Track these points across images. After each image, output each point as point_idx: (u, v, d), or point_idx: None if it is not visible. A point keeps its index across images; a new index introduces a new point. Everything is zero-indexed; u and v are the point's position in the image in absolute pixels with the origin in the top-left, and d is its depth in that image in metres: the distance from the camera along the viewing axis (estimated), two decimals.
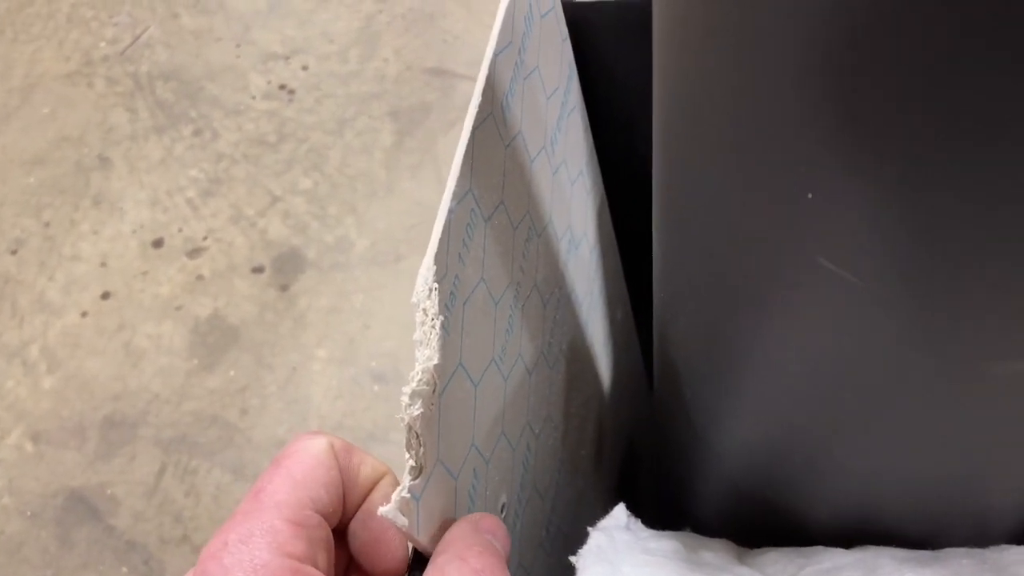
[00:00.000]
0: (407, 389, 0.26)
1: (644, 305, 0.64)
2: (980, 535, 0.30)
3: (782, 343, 0.25)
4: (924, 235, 0.18)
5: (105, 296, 1.02)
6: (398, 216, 1.07)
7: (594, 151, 0.48)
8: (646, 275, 0.63)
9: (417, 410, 0.26)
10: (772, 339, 0.25)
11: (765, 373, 0.27)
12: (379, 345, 0.97)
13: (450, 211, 0.28)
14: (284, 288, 1.02)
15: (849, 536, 0.30)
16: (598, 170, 0.49)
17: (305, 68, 1.23)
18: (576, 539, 0.50)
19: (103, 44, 1.28)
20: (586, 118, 0.46)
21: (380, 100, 1.18)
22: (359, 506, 0.31)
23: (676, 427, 0.35)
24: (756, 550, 0.31)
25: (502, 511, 0.35)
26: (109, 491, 0.88)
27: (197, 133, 1.16)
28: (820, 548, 0.29)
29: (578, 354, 0.47)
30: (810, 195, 0.18)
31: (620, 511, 0.29)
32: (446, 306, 0.28)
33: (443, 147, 1.12)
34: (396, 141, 1.14)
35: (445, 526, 0.29)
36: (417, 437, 0.27)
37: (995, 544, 0.29)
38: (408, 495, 0.26)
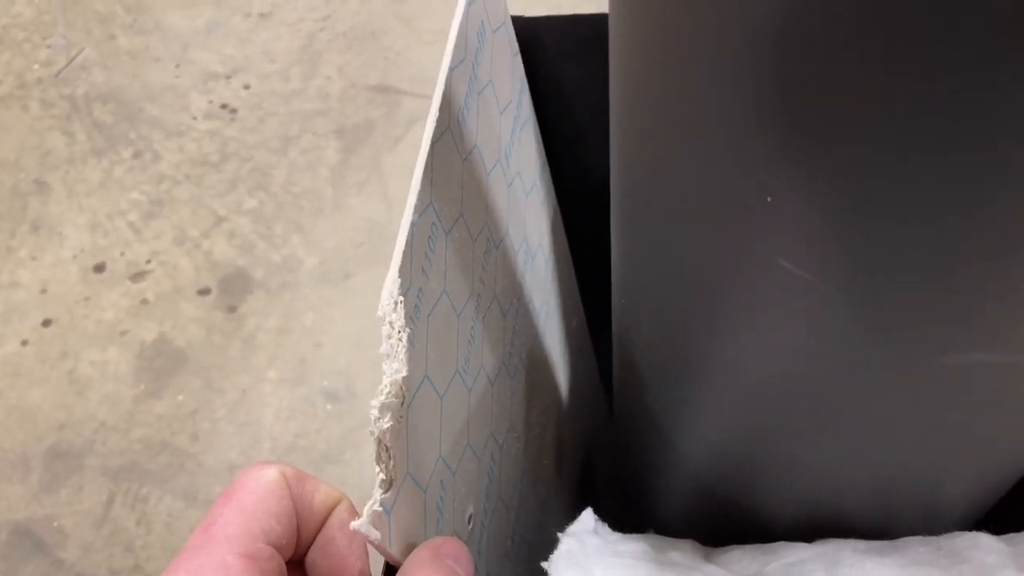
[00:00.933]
0: (376, 402, 0.27)
1: (597, 314, 0.65)
2: (932, 523, 0.31)
3: (743, 344, 0.26)
4: (877, 235, 0.19)
5: (46, 323, 1.00)
6: (346, 233, 1.06)
7: (546, 164, 0.49)
8: (599, 284, 0.64)
9: (387, 423, 0.26)
10: (733, 340, 0.26)
11: (727, 374, 0.28)
12: (331, 364, 0.96)
13: (412, 224, 0.29)
14: (232, 309, 1.01)
15: (811, 530, 0.31)
16: (551, 182, 0.50)
17: (247, 87, 1.22)
18: (541, 548, 0.50)
19: (37, 66, 1.25)
20: (538, 132, 0.47)
21: (324, 118, 1.18)
22: (315, 535, 0.30)
23: (638, 431, 0.35)
24: (721, 548, 0.31)
25: (469, 522, 0.36)
26: (56, 523, 0.86)
27: (137, 155, 1.14)
28: (783, 544, 0.30)
29: (537, 363, 0.47)
30: (769, 199, 0.19)
31: (588, 516, 0.29)
32: (411, 318, 0.28)
33: (389, 164, 1.12)
34: (341, 158, 1.13)
35: (416, 539, 0.29)
36: (387, 450, 0.27)
37: (946, 531, 0.30)
38: (380, 508, 0.26)
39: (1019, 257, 0.18)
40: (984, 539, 0.28)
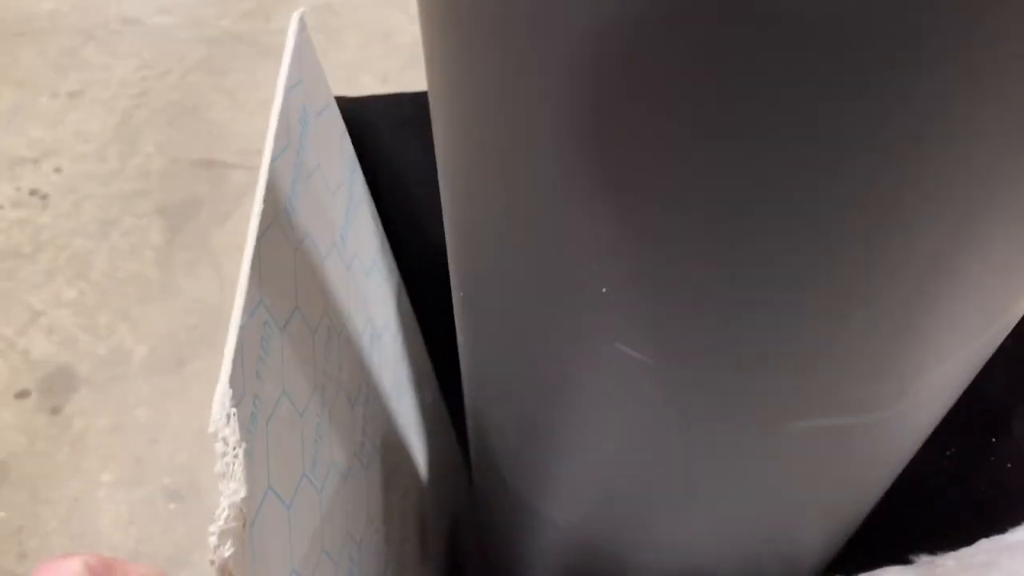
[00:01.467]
0: (215, 528, 0.24)
1: (454, 384, 0.64)
2: (792, 570, 0.31)
3: (589, 423, 0.26)
4: (708, 320, 0.19)
5: None
6: (177, 317, 1.01)
7: (386, 240, 0.48)
8: (452, 355, 0.63)
9: (228, 551, 0.24)
10: (579, 420, 0.26)
11: (576, 450, 0.27)
12: (171, 460, 0.90)
13: (241, 328, 0.27)
14: (56, 411, 0.93)
15: None
16: (392, 259, 0.49)
17: (58, 171, 1.14)
18: None
19: None
20: (374, 209, 0.45)
21: (146, 197, 1.12)
22: None
23: (500, 502, 0.34)
24: None
25: None
26: None
27: None
28: None
29: (392, 447, 0.46)
30: (604, 290, 0.19)
31: None
32: (247, 430, 0.27)
33: (218, 240, 1.08)
34: (167, 239, 1.08)
35: None
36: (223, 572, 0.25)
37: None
38: None
39: (845, 324, 0.19)
40: None
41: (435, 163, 0.28)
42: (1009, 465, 0.38)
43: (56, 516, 0.86)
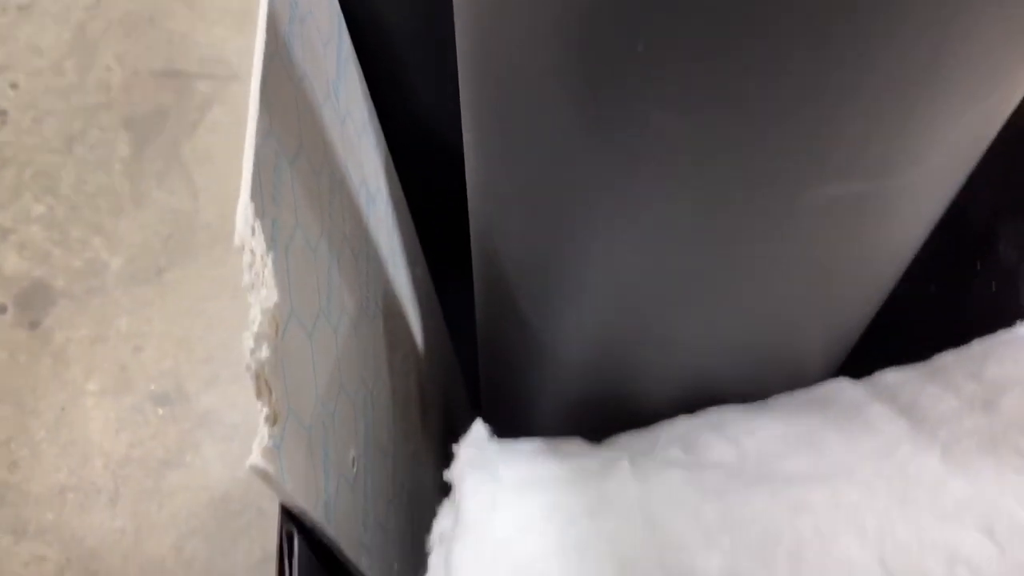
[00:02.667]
0: (249, 334, 0.25)
1: (436, 266, 0.64)
2: (796, 383, 0.33)
3: (609, 224, 0.26)
4: (734, 68, 0.19)
5: None
6: (152, 228, 0.99)
7: (373, 107, 0.47)
8: (433, 233, 0.63)
9: (264, 353, 0.25)
10: (600, 220, 0.26)
11: (598, 266, 0.28)
12: (156, 366, 0.90)
13: (256, 147, 0.27)
14: (34, 325, 0.92)
15: (688, 409, 0.32)
16: (379, 127, 0.49)
17: (15, 86, 1.11)
18: (419, 496, 0.50)
19: None
20: (360, 72, 0.45)
21: (109, 110, 1.09)
22: None
23: (512, 344, 0.35)
24: (607, 440, 0.32)
25: (353, 465, 0.34)
26: None
27: None
28: (666, 421, 0.30)
29: (392, 310, 0.46)
30: (640, 48, 0.19)
31: (479, 426, 0.29)
32: (269, 248, 0.27)
33: (188, 150, 1.06)
34: (135, 151, 1.06)
35: (308, 478, 0.28)
36: (266, 384, 0.25)
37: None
38: (270, 443, 0.25)
39: (871, 78, 0.19)
40: (846, 383, 0.30)
41: (425, 23, 0.28)
42: (994, 287, 0.39)
43: (44, 426, 0.86)
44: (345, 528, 0.32)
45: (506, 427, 0.44)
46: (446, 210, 0.56)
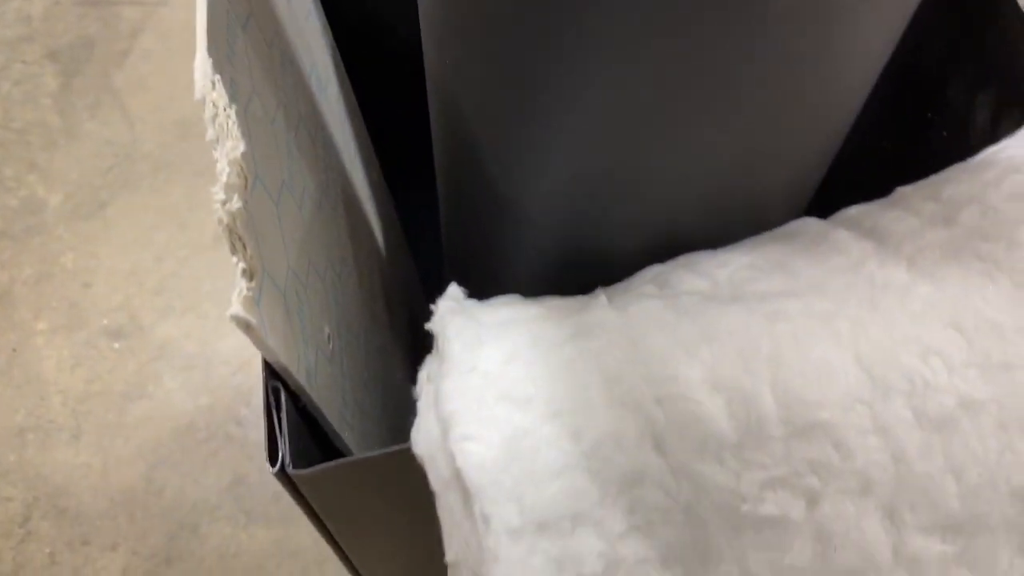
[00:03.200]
0: (218, 186, 0.24)
1: (389, 171, 0.64)
2: (762, 231, 0.33)
3: (575, 73, 0.26)
4: None
5: None
6: (89, 161, 0.96)
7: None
8: (387, 144, 0.62)
9: (235, 204, 0.24)
10: (565, 73, 0.26)
11: (560, 109, 0.28)
12: (107, 301, 0.88)
13: (208, 3, 0.26)
14: None
15: (657, 260, 0.32)
16: (324, 15, 0.47)
17: None
18: (391, 389, 0.50)
19: None
20: None
21: (32, 43, 1.05)
22: None
23: (477, 212, 0.35)
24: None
25: (329, 341, 0.34)
26: None
27: None
28: (639, 272, 0.31)
29: (352, 203, 0.46)
30: None
31: (455, 287, 0.29)
32: (232, 100, 0.26)
33: (120, 80, 1.02)
34: (63, 83, 1.02)
35: (287, 340, 0.28)
36: (240, 239, 0.25)
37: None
38: (249, 294, 0.24)
39: None
40: (810, 219, 0.31)
41: None
42: (945, 133, 0.40)
43: None
44: (327, 399, 0.32)
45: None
46: (399, 119, 0.55)
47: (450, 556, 0.24)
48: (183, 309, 0.88)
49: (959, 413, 0.23)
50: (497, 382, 0.24)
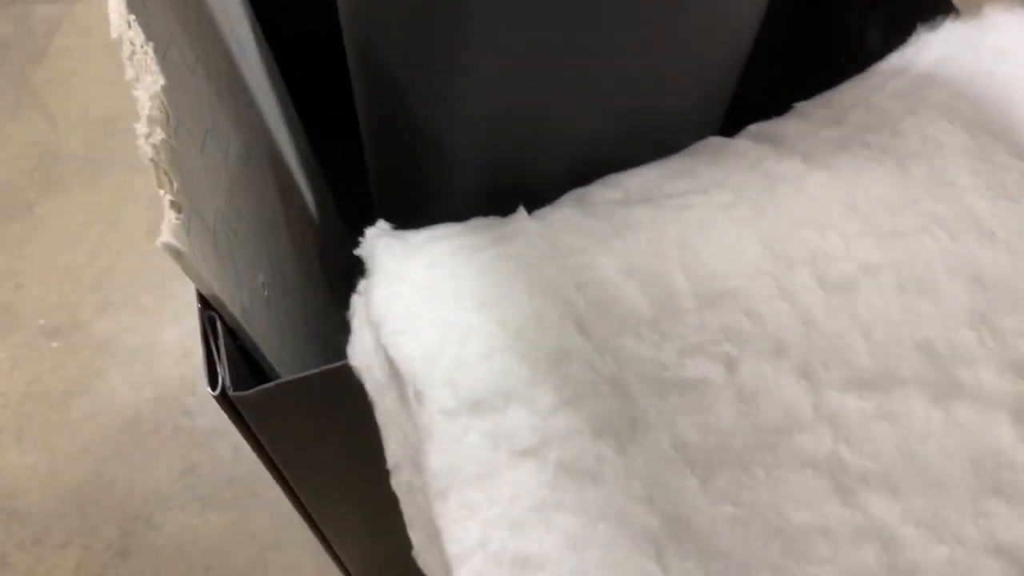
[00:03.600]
0: (141, 122, 0.25)
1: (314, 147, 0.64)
2: (672, 149, 0.35)
3: (493, 11, 0.27)
4: None
5: None
6: (13, 162, 0.95)
7: None
8: (314, 117, 0.62)
9: (158, 136, 0.25)
10: (484, 14, 0.27)
11: (477, 41, 0.29)
12: (42, 301, 0.87)
13: None
14: None
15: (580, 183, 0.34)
16: None
17: None
18: (333, 342, 0.50)
19: None
20: None
21: None
22: None
23: (403, 156, 0.36)
24: None
25: (264, 289, 0.35)
26: None
27: None
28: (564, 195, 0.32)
29: (281, 166, 0.46)
30: None
31: (382, 222, 0.30)
32: (149, 38, 0.27)
33: (40, 79, 1.01)
34: None
35: (220, 277, 0.28)
36: (166, 173, 0.26)
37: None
38: (179, 222, 0.25)
39: None
40: (713, 138, 0.33)
41: None
42: (844, 58, 0.42)
43: None
44: (265, 340, 0.33)
45: None
46: (324, 93, 0.56)
47: (390, 459, 0.25)
48: (121, 304, 0.87)
49: (859, 277, 0.25)
50: (424, 287, 0.25)
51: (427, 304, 0.24)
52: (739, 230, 0.25)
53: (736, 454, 0.23)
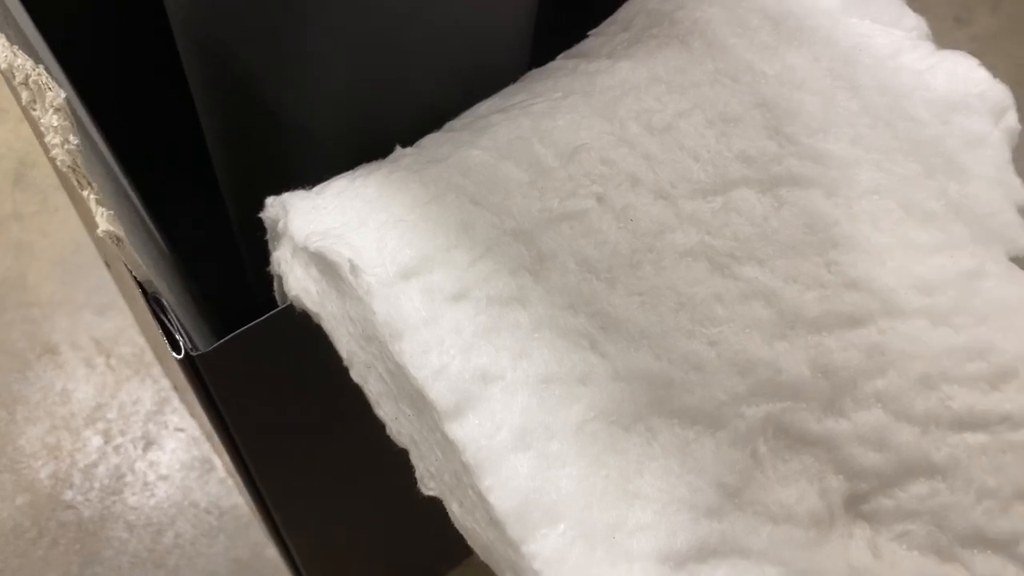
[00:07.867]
0: (51, 136, 0.28)
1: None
2: (500, 86, 0.40)
3: None
4: None
5: None
6: None
7: None
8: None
9: (73, 142, 0.28)
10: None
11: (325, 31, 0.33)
12: None
13: None
14: None
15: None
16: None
17: None
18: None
19: None
20: None
21: None
22: None
23: (254, 138, 0.40)
24: None
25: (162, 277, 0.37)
26: None
27: None
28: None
29: (135, 212, 0.48)
30: None
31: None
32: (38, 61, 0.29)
33: None
34: None
35: (145, 261, 0.31)
36: (84, 176, 0.28)
37: None
38: (112, 213, 0.28)
39: None
40: (533, 71, 0.39)
41: None
42: None
43: None
44: (192, 326, 0.35)
45: None
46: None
47: (345, 354, 0.29)
48: None
49: (677, 120, 0.33)
50: (336, 208, 0.30)
51: (342, 216, 0.30)
52: (576, 111, 0.32)
53: (626, 257, 0.29)
